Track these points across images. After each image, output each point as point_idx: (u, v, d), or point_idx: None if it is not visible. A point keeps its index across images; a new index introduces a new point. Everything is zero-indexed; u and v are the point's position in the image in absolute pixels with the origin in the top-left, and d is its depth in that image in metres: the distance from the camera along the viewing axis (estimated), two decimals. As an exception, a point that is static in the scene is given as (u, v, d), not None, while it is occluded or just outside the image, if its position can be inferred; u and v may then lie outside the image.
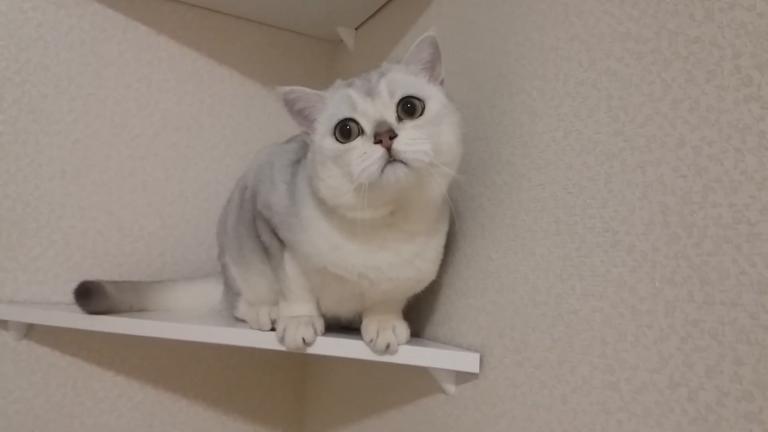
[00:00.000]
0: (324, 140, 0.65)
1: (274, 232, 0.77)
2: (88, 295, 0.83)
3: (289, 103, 0.69)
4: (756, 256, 0.46)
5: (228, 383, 1.14)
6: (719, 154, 0.50)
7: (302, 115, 0.70)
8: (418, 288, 0.76)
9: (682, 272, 0.51)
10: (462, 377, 0.76)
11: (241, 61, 1.20)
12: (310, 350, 0.75)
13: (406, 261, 0.71)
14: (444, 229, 0.75)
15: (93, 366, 1.02)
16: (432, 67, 0.70)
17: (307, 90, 0.69)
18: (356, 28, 1.21)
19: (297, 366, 1.18)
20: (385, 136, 0.60)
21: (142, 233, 1.08)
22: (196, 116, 1.15)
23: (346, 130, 0.64)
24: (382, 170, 0.60)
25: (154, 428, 1.06)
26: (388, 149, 0.60)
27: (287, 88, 0.68)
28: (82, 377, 1.01)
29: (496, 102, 0.78)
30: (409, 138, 0.61)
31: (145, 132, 1.10)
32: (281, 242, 0.77)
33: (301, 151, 0.77)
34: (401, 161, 0.60)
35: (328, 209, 0.68)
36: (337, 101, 0.66)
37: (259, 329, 0.80)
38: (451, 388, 0.77)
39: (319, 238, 0.70)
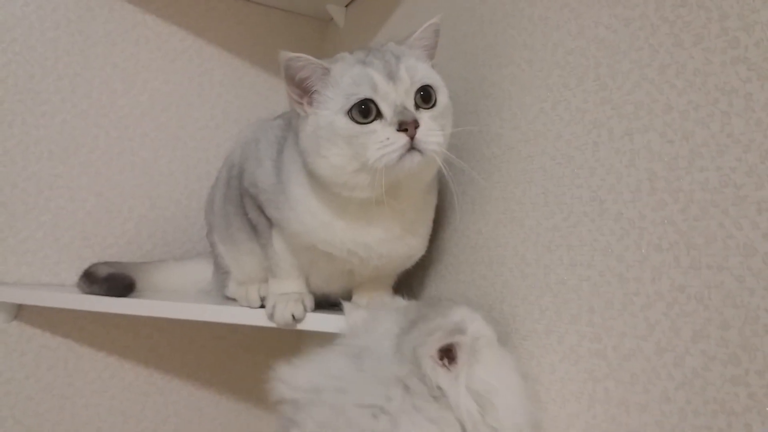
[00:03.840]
0: (337, 117, 0.63)
1: (262, 210, 0.76)
2: (129, 290, 0.84)
3: (290, 70, 0.66)
4: (742, 219, 0.46)
5: (220, 362, 1.14)
6: (706, 117, 0.49)
7: (301, 86, 0.67)
8: (408, 263, 0.76)
9: (668, 238, 0.51)
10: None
11: (230, 39, 1.18)
12: (300, 326, 0.75)
13: (395, 237, 0.70)
14: (433, 202, 0.75)
15: (84, 346, 1.02)
16: (431, 53, 0.71)
17: (314, 60, 0.66)
18: (346, 6, 1.20)
19: (289, 343, 1.18)
20: (411, 126, 0.61)
21: (131, 214, 1.07)
22: (184, 95, 1.14)
23: (364, 111, 0.63)
24: (401, 157, 0.61)
25: (147, 408, 1.07)
26: (412, 138, 0.61)
27: (293, 54, 0.65)
28: (73, 358, 1.01)
29: (486, 74, 0.77)
30: (429, 129, 0.62)
31: (133, 112, 1.09)
32: (269, 220, 0.76)
33: (288, 127, 0.76)
34: (420, 150, 0.61)
35: (318, 186, 0.68)
36: (354, 79, 0.64)
37: (249, 307, 0.79)
38: (441, 362, 0.77)
39: (307, 215, 0.70)
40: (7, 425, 0.95)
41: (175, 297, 0.87)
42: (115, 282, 0.83)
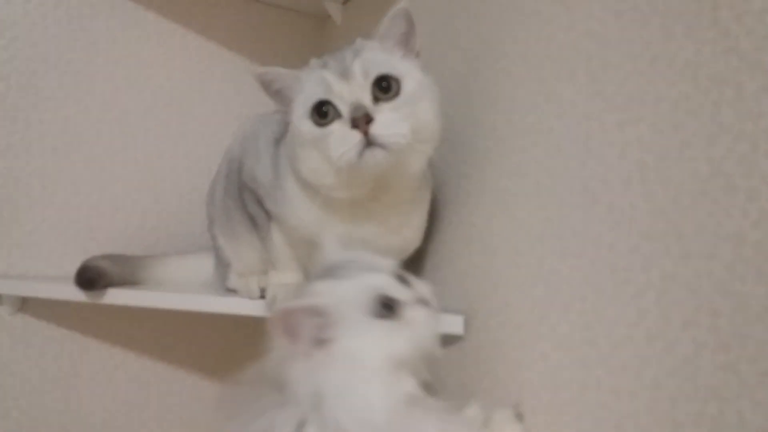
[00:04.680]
0: (301, 123, 0.65)
1: (261, 203, 0.77)
2: (91, 284, 0.84)
3: (265, 85, 0.68)
4: (732, 208, 0.46)
5: (224, 353, 1.15)
6: (696, 108, 0.50)
7: (280, 96, 0.69)
8: (404, 255, 0.76)
9: (659, 227, 0.51)
10: (447, 339, 0.77)
11: (230, 37, 1.19)
12: None
13: (391, 230, 0.71)
14: (427, 196, 0.75)
15: (89, 338, 1.03)
16: (406, 41, 0.68)
17: (282, 70, 0.68)
18: (344, 3, 1.20)
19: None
20: (361, 121, 0.60)
21: (135, 208, 1.08)
22: (186, 92, 1.15)
23: (322, 113, 0.63)
24: (361, 154, 0.60)
25: (151, 399, 1.08)
26: (365, 134, 0.60)
27: (261, 70, 0.67)
28: (77, 350, 1.02)
29: (480, 69, 0.78)
30: (386, 121, 0.61)
31: (136, 108, 1.10)
32: (268, 213, 0.77)
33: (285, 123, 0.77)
34: (379, 145, 0.61)
35: (309, 186, 0.69)
36: (313, 83, 0.65)
37: (249, 298, 0.80)
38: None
39: (303, 211, 0.71)
40: (13, 416, 0.97)
41: (178, 288, 0.89)
42: (80, 275, 0.84)
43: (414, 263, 0.84)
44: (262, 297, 0.79)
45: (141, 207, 1.09)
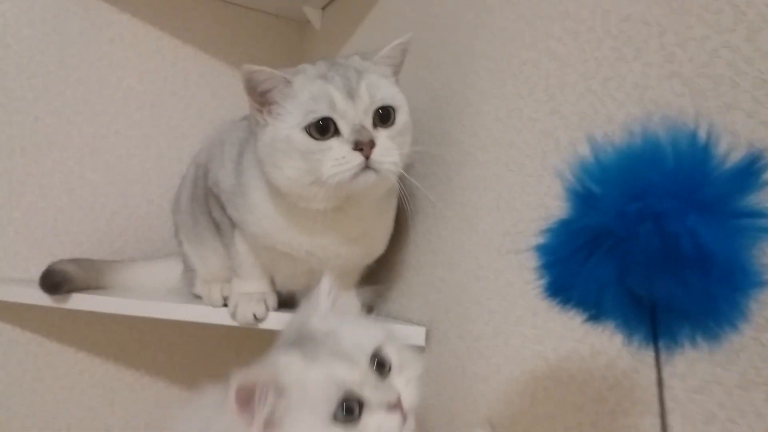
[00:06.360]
0: (294, 131, 0.64)
1: (224, 210, 0.77)
2: (56, 288, 0.83)
3: (252, 83, 0.66)
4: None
5: (189, 361, 1.15)
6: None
7: (263, 97, 0.67)
8: (368, 261, 0.77)
9: (606, 245, 0.53)
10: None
11: (207, 40, 1.19)
12: (263, 326, 0.77)
13: (353, 239, 0.72)
14: (392, 205, 0.76)
15: (53, 342, 1.02)
16: (398, 69, 0.71)
17: (276, 72, 0.66)
18: (323, 8, 1.21)
19: (258, 343, 1.19)
20: (367, 146, 0.62)
21: (103, 211, 1.08)
22: (159, 95, 1.14)
23: (321, 128, 0.63)
24: (356, 176, 0.62)
25: (115, 405, 1.07)
26: (367, 158, 0.62)
27: (255, 68, 0.65)
28: (42, 354, 1.01)
29: (450, 82, 0.79)
30: (385, 148, 0.63)
31: (107, 110, 1.09)
32: (231, 220, 0.77)
33: (251, 129, 0.77)
34: (374, 169, 0.63)
35: (276, 193, 0.69)
36: (313, 94, 0.64)
37: (212, 306, 0.81)
38: (399, 361, 0.79)
39: (264, 219, 0.71)
40: (-25, 420, 0.96)
41: (143, 295, 0.88)
42: (44, 279, 0.83)
43: (383, 274, 0.85)
44: (225, 305, 0.79)
45: (109, 211, 1.08)
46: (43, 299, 0.85)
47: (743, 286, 0.31)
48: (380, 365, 0.51)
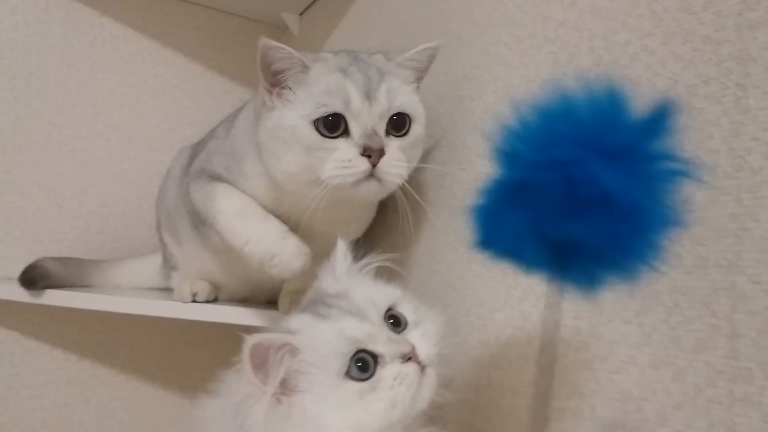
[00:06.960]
0: (301, 122, 0.60)
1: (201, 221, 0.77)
2: (32, 283, 0.86)
3: (266, 59, 0.61)
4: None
5: (166, 357, 1.17)
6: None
7: (275, 77, 0.62)
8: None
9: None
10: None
11: (186, 43, 1.22)
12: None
13: (336, 224, 0.70)
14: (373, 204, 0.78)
15: (30, 339, 1.04)
16: (421, 75, 0.68)
17: (294, 53, 0.62)
18: (300, 14, 1.25)
19: (237, 343, 1.21)
20: (376, 154, 0.59)
21: (81, 210, 1.10)
22: (139, 97, 1.17)
23: (331, 125, 0.60)
24: (358, 183, 0.60)
25: (91, 402, 1.09)
26: (374, 165, 0.59)
27: (274, 44, 0.60)
28: (19, 350, 1.03)
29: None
30: (394, 159, 0.61)
31: (87, 111, 1.12)
32: (203, 223, 0.78)
33: (227, 136, 0.77)
34: (378, 178, 0.60)
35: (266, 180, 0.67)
36: (329, 87, 0.60)
37: (181, 301, 0.83)
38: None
39: (259, 190, 0.69)
40: (-50, 415, 0.97)
41: (120, 292, 0.90)
42: (23, 273, 0.86)
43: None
44: (195, 301, 0.82)
45: (87, 210, 1.11)
46: (18, 295, 0.87)
47: (651, 223, 0.33)
48: (396, 324, 0.50)
